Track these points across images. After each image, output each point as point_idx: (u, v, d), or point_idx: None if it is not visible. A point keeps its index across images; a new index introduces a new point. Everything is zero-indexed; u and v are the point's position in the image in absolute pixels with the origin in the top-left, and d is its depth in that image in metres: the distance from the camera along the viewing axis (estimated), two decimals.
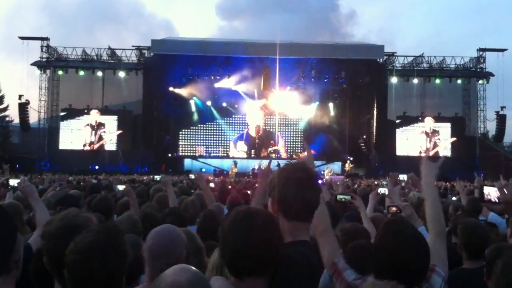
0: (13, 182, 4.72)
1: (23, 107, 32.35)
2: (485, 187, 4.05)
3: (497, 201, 4.04)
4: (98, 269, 2.01)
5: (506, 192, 3.13)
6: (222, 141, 37.26)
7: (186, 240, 2.86)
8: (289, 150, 37.05)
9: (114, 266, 2.05)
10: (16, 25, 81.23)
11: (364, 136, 35.60)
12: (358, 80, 35.71)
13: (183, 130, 37.14)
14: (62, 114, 34.41)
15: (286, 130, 37.64)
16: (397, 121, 34.74)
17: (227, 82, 34.23)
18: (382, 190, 5.41)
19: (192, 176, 15.57)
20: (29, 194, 3.81)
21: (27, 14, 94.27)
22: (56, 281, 2.39)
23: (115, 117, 34.26)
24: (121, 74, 33.73)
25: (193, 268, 1.88)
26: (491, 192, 4.03)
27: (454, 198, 9.24)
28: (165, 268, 2.08)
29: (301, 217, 2.30)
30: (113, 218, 5.16)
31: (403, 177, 6.43)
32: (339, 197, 3.82)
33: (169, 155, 35.50)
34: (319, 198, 2.38)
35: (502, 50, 34.05)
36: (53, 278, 2.42)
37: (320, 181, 2.80)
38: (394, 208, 4.19)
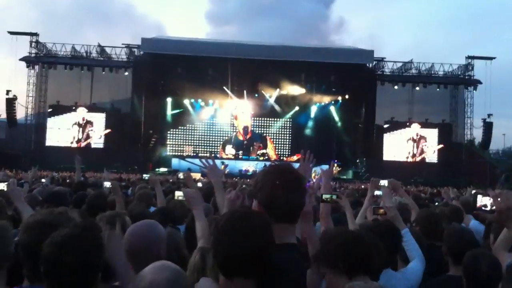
0: (1, 186, 4.69)
1: (10, 103, 32.09)
2: (479, 196, 4.08)
3: (489, 209, 4.08)
4: (72, 261, 2.01)
5: (500, 201, 3.16)
6: (210, 142, 37.16)
7: (165, 236, 2.86)
8: (278, 153, 37.05)
9: (88, 258, 2.06)
10: (5, 20, 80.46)
11: (352, 140, 35.70)
12: (347, 85, 35.79)
13: (172, 130, 37.00)
14: (49, 110, 34.19)
15: (274, 132, 37.62)
16: (385, 126, 34.95)
17: (217, 83, 34.17)
18: (378, 192, 5.44)
19: (181, 175, 15.59)
20: (15, 198, 4.12)
21: (17, 8, 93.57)
22: (25, 272, 2.38)
23: (103, 115, 34.10)
24: (110, 71, 33.59)
25: (173, 265, 1.89)
26: (485, 200, 4.06)
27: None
28: (144, 262, 2.11)
29: (288, 218, 2.30)
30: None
31: (384, 182, 6.43)
32: (324, 196, 3.76)
33: (157, 154, 35.41)
34: (305, 199, 2.39)
35: (490, 58, 34.39)
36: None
37: (307, 184, 2.81)
38: (382, 210, 4.22)
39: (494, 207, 3.71)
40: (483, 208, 3.99)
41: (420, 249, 3.80)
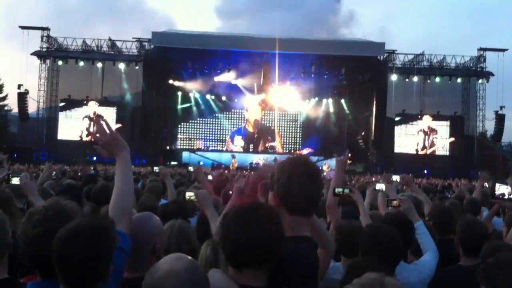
0: (15, 180, 4.66)
1: (22, 97, 32.29)
2: (497, 184, 4.04)
3: (507, 197, 4.05)
4: (81, 251, 2.00)
5: None
6: (221, 135, 37.21)
7: (161, 229, 2.83)
8: (285, 146, 36.97)
9: (97, 248, 2.05)
10: (17, 14, 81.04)
11: (363, 133, 35.64)
12: (358, 77, 35.65)
13: (182, 123, 37.08)
14: (61, 104, 34.37)
15: (285, 125, 37.57)
16: (396, 119, 34.77)
17: (227, 76, 34.16)
18: (379, 186, 5.39)
19: (191, 168, 15.62)
20: (29, 192, 4.21)
21: (28, 3, 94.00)
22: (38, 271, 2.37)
23: (114, 109, 34.23)
24: (121, 65, 33.72)
25: (188, 256, 1.91)
26: (502, 189, 4.03)
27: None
28: (139, 255, 2.10)
29: (303, 211, 2.28)
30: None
31: (396, 177, 6.38)
32: (337, 190, 3.70)
33: (167, 147, 35.57)
34: (321, 192, 2.37)
35: (503, 50, 34.03)
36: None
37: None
38: (395, 202, 4.20)
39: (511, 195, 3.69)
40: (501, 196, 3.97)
41: None
